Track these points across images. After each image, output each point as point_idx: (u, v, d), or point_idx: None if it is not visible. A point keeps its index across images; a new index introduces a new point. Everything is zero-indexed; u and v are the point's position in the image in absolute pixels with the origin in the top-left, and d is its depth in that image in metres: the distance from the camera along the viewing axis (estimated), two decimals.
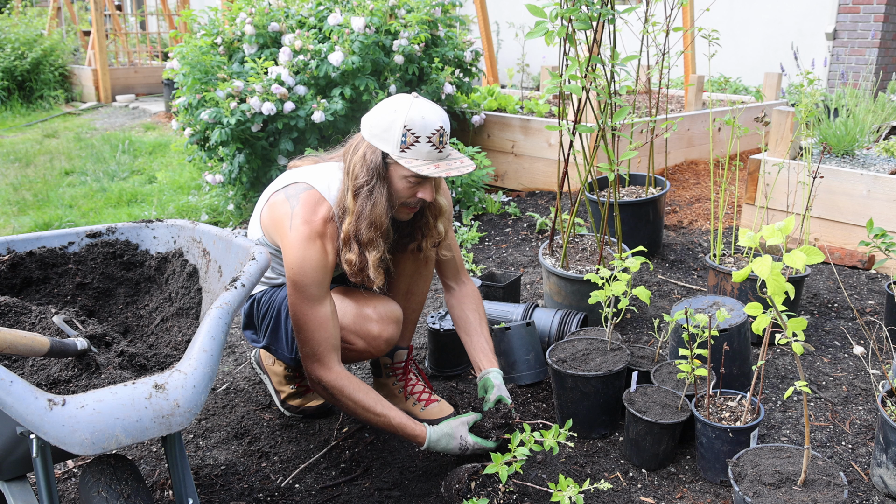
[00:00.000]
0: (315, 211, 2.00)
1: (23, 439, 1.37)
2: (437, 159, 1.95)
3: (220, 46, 4.60)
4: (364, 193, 1.97)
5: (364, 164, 1.97)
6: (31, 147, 7.11)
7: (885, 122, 4.42)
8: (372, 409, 2.01)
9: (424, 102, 1.95)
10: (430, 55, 4.68)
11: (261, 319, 2.23)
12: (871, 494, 2.01)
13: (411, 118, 1.90)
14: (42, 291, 1.92)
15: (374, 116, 1.97)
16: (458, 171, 1.94)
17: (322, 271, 1.98)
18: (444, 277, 2.40)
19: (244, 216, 4.72)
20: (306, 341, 2.00)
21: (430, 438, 2.03)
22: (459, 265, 2.39)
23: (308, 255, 1.95)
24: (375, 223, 1.99)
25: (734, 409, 2.08)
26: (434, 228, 2.18)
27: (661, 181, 3.82)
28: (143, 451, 2.30)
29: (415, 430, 2.04)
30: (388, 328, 2.17)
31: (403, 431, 2.03)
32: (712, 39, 3.62)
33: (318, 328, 1.98)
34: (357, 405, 2.02)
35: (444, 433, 2.04)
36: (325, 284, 1.99)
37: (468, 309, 2.34)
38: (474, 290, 2.40)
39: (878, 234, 2.77)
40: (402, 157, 1.93)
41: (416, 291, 2.35)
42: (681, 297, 3.30)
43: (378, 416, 2.02)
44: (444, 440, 2.04)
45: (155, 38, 11.79)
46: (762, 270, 1.53)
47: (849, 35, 7.97)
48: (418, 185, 2.00)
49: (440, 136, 1.94)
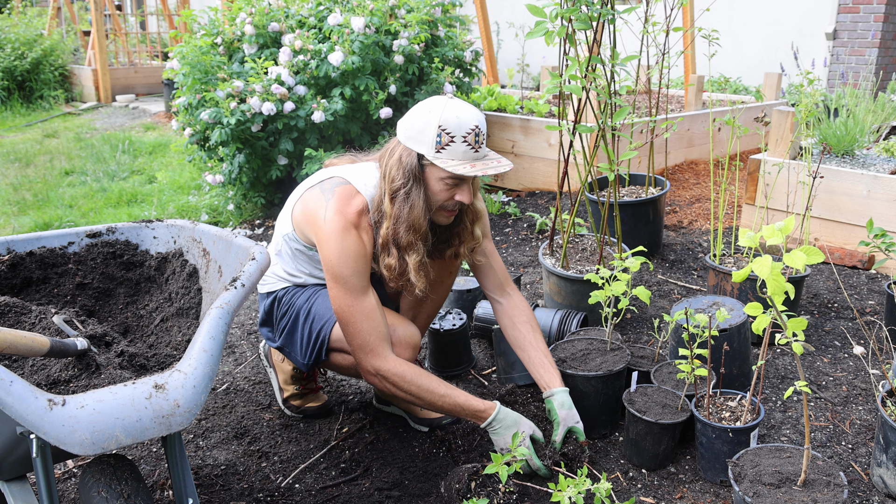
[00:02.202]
0: (349, 203, 1.99)
1: (23, 439, 1.37)
2: (473, 159, 1.93)
3: (220, 46, 4.60)
4: (401, 196, 1.96)
5: (400, 167, 1.96)
6: (31, 147, 7.11)
7: (885, 122, 4.42)
8: (437, 391, 1.99)
9: (459, 103, 1.93)
10: (430, 55, 4.68)
11: (279, 319, 2.22)
12: (871, 494, 2.01)
13: (446, 118, 1.89)
14: (42, 291, 1.92)
15: (409, 119, 1.96)
16: (494, 169, 1.92)
17: (362, 260, 1.96)
18: (488, 290, 2.31)
19: (244, 216, 4.72)
20: (355, 334, 1.97)
21: (497, 416, 2.01)
22: (502, 276, 2.30)
23: (346, 245, 1.94)
24: (414, 226, 1.97)
25: (734, 409, 2.08)
26: (471, 233, 2.14)
27: (661, 181, 3.82)
28: (143, 451, 2.30)
29: (482, 405, 2.02)
30: (405, 353, 2.12)
31: (470, 406, 2.01)
32: (712, 39, 3.62)
33: (364, 319, 1.96)
34: (422, 390, 1.99)
35: (513, 419, 2.02)
36: (365, 274, 1.97)
37: (519, 323, 2.25)
38: (521, 302, 2.29)
39: (878, 234, 2.77)
40: (437, 157, 1.91)
41: (433, 297, 2.31)
42: (681, 297, 3.30)
43: (443, 397, 2.00)
44: (507, 420, 2.01)
45: (155, 38, 11.79)
46: (762, 270, 1.53)
47: (849, 35, 7.97)
48: (455, 188, 1.97)
49: (476, 136, 1.91)
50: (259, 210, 4.75)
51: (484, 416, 2.02)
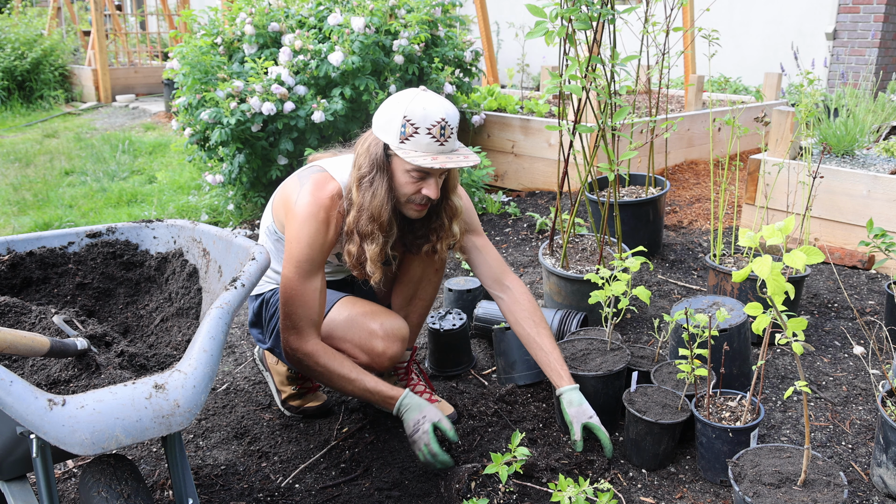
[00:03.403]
0: (322, 188, 2.01)
1: (23, 439, 1.37)
2: (437, 152, 1.92)
3: (220, 46, 4.60)
4: (365, 184, 1.97)
5: (367, 156, 1.97)
6: (31, 147, 7.11)
7: (885, 122, 4.42)
8: (347, 375, 2.02)
9: (429, 95, 1.93)
10: (430, 55, 4.68)
11: (268, 320, 2.23)
12: (871, 494, 2.01)
13: (412, 109, 1.89)
14: (42, 291, 1.92)
15: (381, 109, 1.98)
16: (455, 163, 1.91)
17: (319, 247, 1.98)
18: (486, 285, 2.29)
19: (244, 216, 4.72)
20: (289, 315, 2.01)
21: (403, 400, 2.03)
22: (498, 269, 2.27)
23: (309, 230, 1.97)
24: (374, 215, 1.97)
25: (734, 409, 2.08)
26: (449, 230, 2.13)
27: (661, 181, 3.82)
28: (143, 451, 2.30)
29: (391, 392, 2.04)
30: (393, 346, 2.14)
31: (379, 391, 2.03)
32: (712, 39, 3.62)
33: (302, 304, 1.99)
34: (331, 372, 2.02)
35: (418, 403, 2.03)
36: (318, 262, 2.00)
37: (521, 319, 2.22)
38: (522, 295, 2.25)
39: (878, 234, 2.77)
40: (400, 147, 1.92)
41: (422, 296, 2.33)
42: (681, 297, 3.30)
43: (353, 381, 2.02)
44: (413, 407, 2.03)
45: (155, 38, 11.79)
46: (762, 270, 1.53)
47: (849, 35, 7.97)
48: (422, 181, 1.97)
49: (441, 129, 1.90)
50: (259, 210, 4.74)
51: (392, 401, 2.04)
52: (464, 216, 2.18)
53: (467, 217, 2.21)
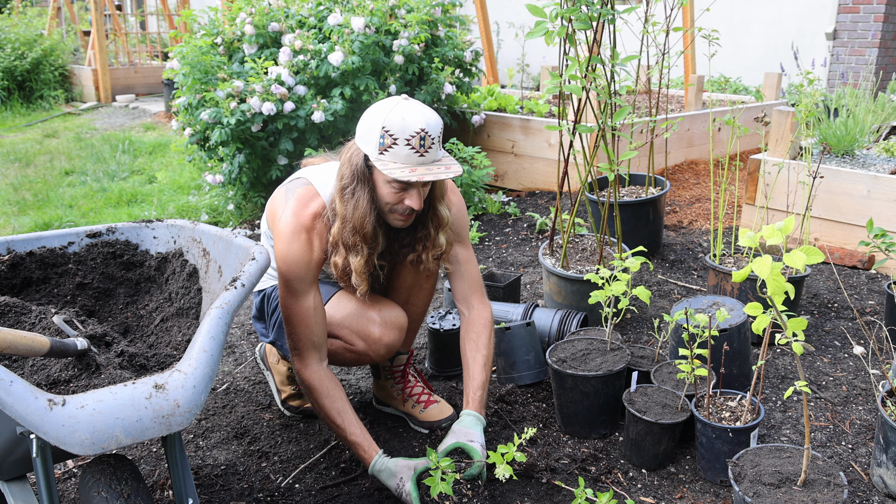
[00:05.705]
0: (306, 206, 1.99)
1: (23, 439, 1.37)
2: (416, 164, 1.85)
3: (220, 46, 4.60)
4: (347, 195, 1.94)
5: (349, 166, 1.94)
6: (31, 147, 7.11)
7: (885, 122, 4.42)
8: (333, 420, 2.01)
9: (411, 104, 1.87)
10: (430, 55, 4.68)
11: (270, 314, 2.24)
12: (871, 494, 2.01)
13: (390, 120, 1.83)
14: (42, 291, 1.92)
15: (363, 118, 1.93)
16: (434, 175, 1.84)
17: (305, 267, 1.97)
18: (455, 299, 2.26)
19: (244, 216, 4.72)
20: (290, 334, 2.02)
21: (374, 467, 1.98)
22: (471, 287, 2.22)
23: (292, 250, 1.96)
24: (356, 227, 1.94)
25: (734, 409, 2.08)
26: (435, 240, 2.08)
27: (661, 181, 3.82)
28: (143, 451, 2.30)
29: (365, 454, 2.00)
30: (391, 333, 2.14)
31: (355, 451, 2.01)
32: (712, 39, 3.62)
33: (298, 323, 1.99)
34: (321, 410, 2.02)
35: (387, 468, 1.96)
36: (307, 280, 1.98)
37: (467, 339, 2.20)
38: (479, 317, 2.21)
39: (878, 234, 2.77)
40: (379, 159, 1.87)
41: (415, 303, 2.30)
42: (681, 297, 3.30)
43: (338, 428, 2.01)
44: (384, 474, 1.97)
45: (155, 38, 11.79)
46: (762, 270, 1.53)
47: (849, 35, 7.97)
48: (404, 192, 1.92)
49: (421, 140, 1.83)
50: (259, 210, 4.74)
51: (365, 462, 2.00)
52: (452, 226, 2.12)
53: (456, 227, 2.16)
